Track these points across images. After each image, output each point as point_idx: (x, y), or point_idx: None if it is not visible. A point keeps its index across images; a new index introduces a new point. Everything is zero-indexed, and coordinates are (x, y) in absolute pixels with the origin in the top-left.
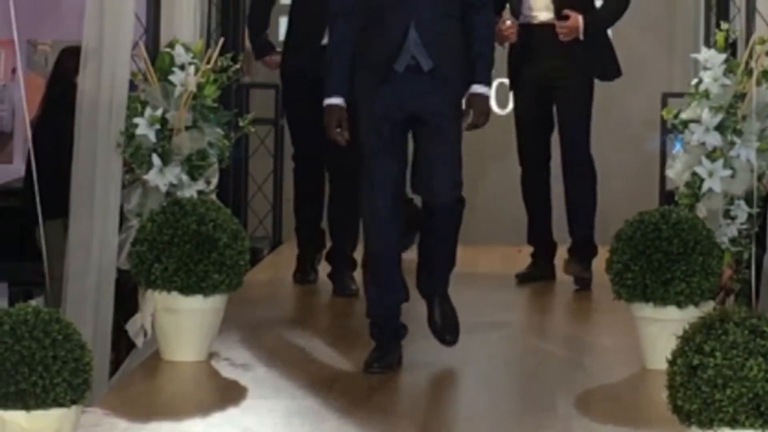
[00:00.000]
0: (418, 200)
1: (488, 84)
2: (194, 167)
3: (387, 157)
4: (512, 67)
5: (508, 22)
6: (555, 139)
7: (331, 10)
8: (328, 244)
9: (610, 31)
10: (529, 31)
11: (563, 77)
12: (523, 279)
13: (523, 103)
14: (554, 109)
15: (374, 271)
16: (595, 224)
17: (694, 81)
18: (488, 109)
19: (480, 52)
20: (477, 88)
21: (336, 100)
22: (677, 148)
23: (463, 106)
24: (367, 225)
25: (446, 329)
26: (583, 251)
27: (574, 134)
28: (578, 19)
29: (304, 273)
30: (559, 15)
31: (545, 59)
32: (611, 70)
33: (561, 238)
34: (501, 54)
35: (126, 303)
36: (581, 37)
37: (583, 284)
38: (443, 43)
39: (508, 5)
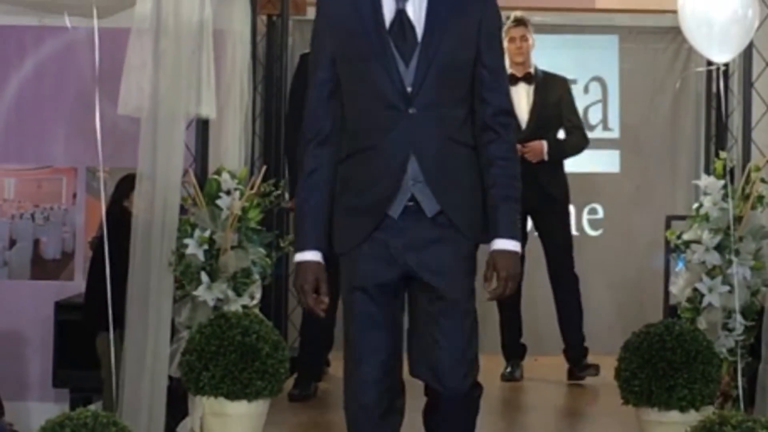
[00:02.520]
0: None
1: (516, 236)
2: (239, 284)
3: (375, 331)
4: None
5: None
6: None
7: (301, 137)
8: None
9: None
10: None
11: (545, 204)
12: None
13: None
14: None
15: None
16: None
17: (695, 205)
18: (518, 271)
19: (505, 194)
20: (503, 244)
21: (311, 256)
22: (680, 266)
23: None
24: (349, 420)
25: None
26: (579, 355)
27: (562, 257)
28: (542, 144)
29: (302, 389)
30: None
31: (528, 183)
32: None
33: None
34: None
35: (177, 408)
36: (546, 158)
37: (595, 373)
38: (453, 179)
39: None
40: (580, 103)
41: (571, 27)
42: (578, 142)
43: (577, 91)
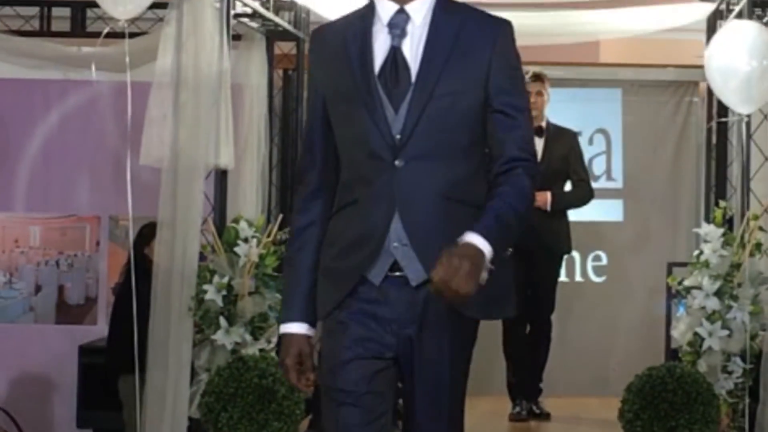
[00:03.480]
0: None
1: (491, 240)
2: (256, 328)
3: (355, 414)
4: None
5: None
6: None
7: (298, 189)
8: None
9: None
10: None
11: (539, 252)
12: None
13: None
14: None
15: None
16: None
17: (696, 252)
18: (472, 267)
19: (495, 206)
20: (470, 237)
21: (295, 328)
22: (681, 311)
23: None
24: None
25: None
26: (535, 391)
27: (543, 304)
28: (547, 195)
29: (317, 430)
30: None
31: (526, 229)
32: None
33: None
34: None
35: None
36: (548, 209)
37: (545, 417)
38: (447, 243)
39: None
40: (585, 155)
41: (576, 81)
42: (583, 195)
43: (581, 142)
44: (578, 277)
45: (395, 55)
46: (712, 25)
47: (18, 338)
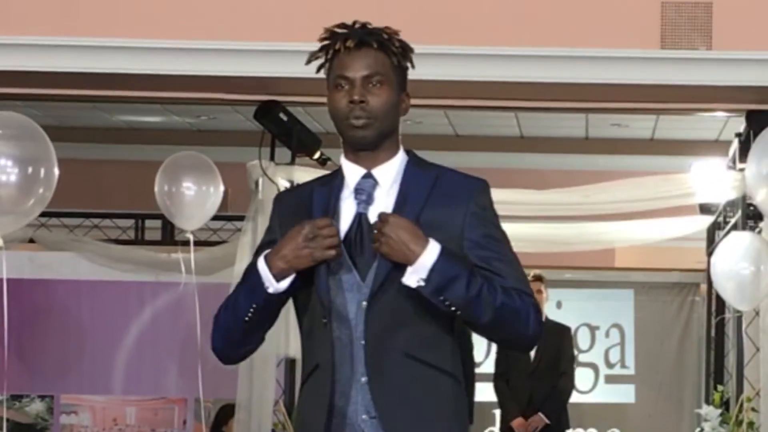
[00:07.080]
0: None
1: (443, 264)
2: None
3: None
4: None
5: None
6: None
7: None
8: None
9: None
10: None
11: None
12: None
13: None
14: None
15: None
16: None
17: (697, 430)
18: (407, 240)
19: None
20: (431, 242)
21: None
22: None
23: None
24: None
25: None
26: None
27: None
28: (539, 416)
29: None
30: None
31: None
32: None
33: None
34: None
35: None
36: (548, 421)
37: None
38: (419, 412)
39: None
40: (602, 346)
41: (594, 282)
42: (565, 390)
43: (599, 335)
44: None
45: (360, 221)
46: (711, 235)
47: None
